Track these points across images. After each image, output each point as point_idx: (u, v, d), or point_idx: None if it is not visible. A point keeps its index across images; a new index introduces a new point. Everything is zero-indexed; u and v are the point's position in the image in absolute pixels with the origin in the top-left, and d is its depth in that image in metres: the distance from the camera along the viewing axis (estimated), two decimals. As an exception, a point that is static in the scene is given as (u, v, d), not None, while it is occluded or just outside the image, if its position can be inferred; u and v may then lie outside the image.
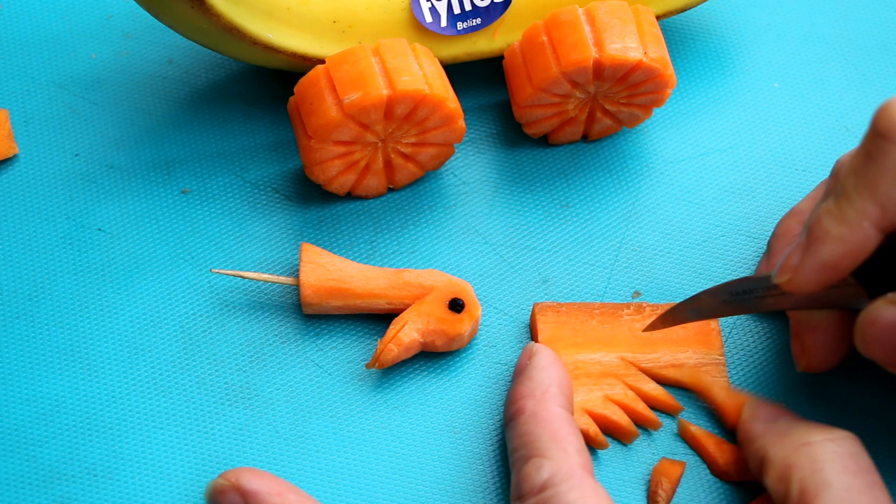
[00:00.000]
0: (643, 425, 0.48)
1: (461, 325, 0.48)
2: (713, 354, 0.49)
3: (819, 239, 0.43)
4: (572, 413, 0.45)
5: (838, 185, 0.43)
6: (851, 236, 0.42)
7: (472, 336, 0.49)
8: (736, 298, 0.46)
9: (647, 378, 0.48)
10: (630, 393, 0.48)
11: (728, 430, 0.48)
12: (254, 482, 0.43)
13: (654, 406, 0.48)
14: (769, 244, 0.51)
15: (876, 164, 0.42)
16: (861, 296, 0.44)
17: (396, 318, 0.48)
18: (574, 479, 0.42)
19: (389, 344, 0.47)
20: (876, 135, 0.42)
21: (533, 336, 0.50)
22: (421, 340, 0.48)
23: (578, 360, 0.48)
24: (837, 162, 0.47)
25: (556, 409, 0.44)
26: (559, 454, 0.43)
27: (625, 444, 0.48)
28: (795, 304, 0.45)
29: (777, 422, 0.45)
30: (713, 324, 0.50)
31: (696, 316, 0.47)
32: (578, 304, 0.50)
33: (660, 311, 0.50)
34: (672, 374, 0.48)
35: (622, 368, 0.49)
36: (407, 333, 0.48)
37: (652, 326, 0.48)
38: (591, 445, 0.47)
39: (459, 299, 0.48)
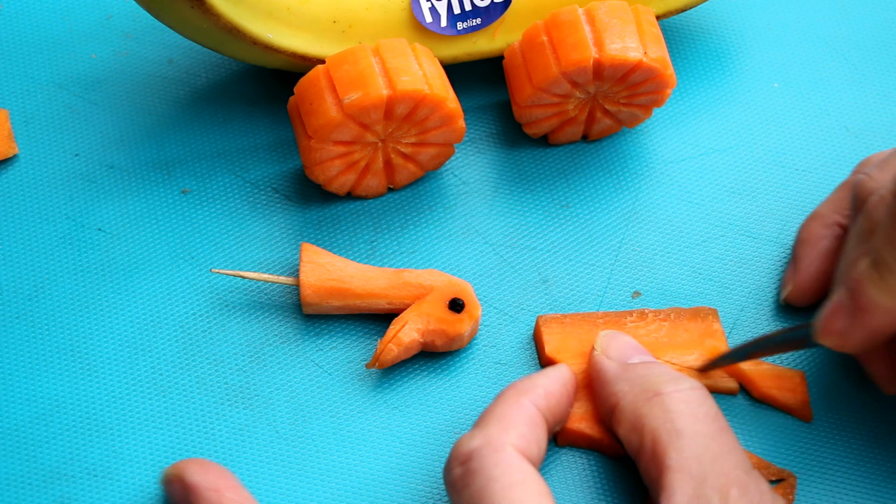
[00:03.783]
0: None
1: (461, 325, 0.48)
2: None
3: (866, 309, 0.43)
4: (552, 425, 0.45)
5: (876, 252, 0.42)
6: None
7: (472, 336, 0.49)
8: (780, 347, 0.47)
9: None
10: None
11: (758, 398, 0.49)
12: (196, 476, 0.43)
13: None
14: (794, 250, 0.51)
15: None
16: None
17: (396, 318, 0.48)
18: (502, 453, 0.41)
19: (389, 344, 0.47)
20: None
21: (538, 348, 0.50)
22: (421, 340, 0.48)
23: (587, 369, 0.48)
24: (863, 164, 0.47)
25: (525, 402, 0.44)
26: (496, 429, 0.42)
27: None
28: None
29: (628, 366, 0.46)
30: (716, 325, 0.50)
31: (744, 359, 0.48)
32: (582, 315, 0.50)
33: (662, 317, 0.50)
34: None
35: None
36: (407, 333, 0.48)
37: (705, 369, 0.49)
38: (605, 454, 0.47)
39: (459, 299, 0.48)
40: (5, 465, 0.46)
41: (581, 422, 0.47)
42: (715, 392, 0.49)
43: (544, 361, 0.49)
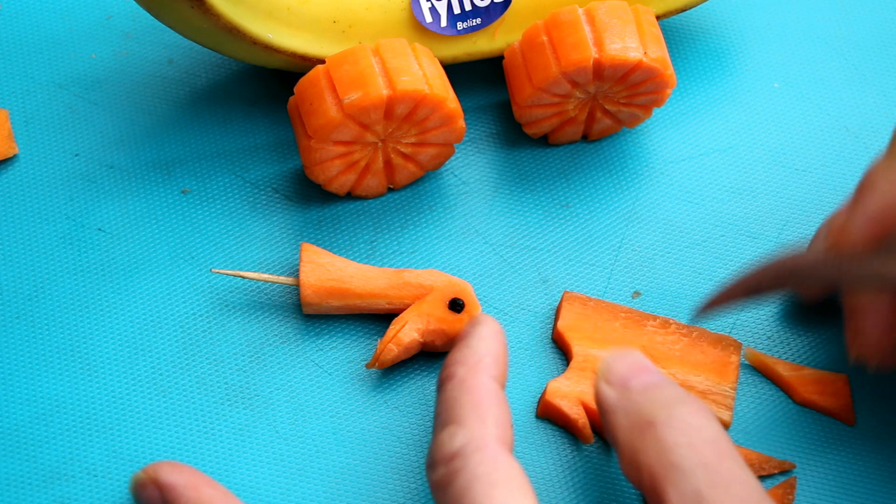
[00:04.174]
0: None
1: (461, 325, 0.48)
2: (724, 386, 0.49)
3: (868, 187, 0.45)
4: (503, 387, 0.45)
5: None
6: None
7: (472, 336, 0.49)
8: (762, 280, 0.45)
9: None
10: None
11: (799, 404, 0.49)
12: (172, 475, 0.43)
13: None
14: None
15: None
16: None
17: (396, 318, 0.48)
18: (486, 451, 0.41)
19: (389, 344, 0.47)
20: None
21: (554, 321, 0.50)
22: (421, 340, 0.48)
23: (590, 353, 0.48)
24: None
25: (484, 379, 0.43)
26: (476, 424, 0.42)
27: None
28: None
29: (627, 392, 0.43)
30: (734, 357, 0.49)
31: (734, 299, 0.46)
32: (606, 303, 0.50)
33: (684, 332, 0.49)
34: None
35: None
36: (407, 333, 0.48)
37: (698, 316, 0.47)
38: (577, 437, 0.47)
39: (459, 299, 0.48)
40: (5, 465, 0.46)
41: (563, 399, 0.47)
42: None
43: (555, 335, 0.50)
